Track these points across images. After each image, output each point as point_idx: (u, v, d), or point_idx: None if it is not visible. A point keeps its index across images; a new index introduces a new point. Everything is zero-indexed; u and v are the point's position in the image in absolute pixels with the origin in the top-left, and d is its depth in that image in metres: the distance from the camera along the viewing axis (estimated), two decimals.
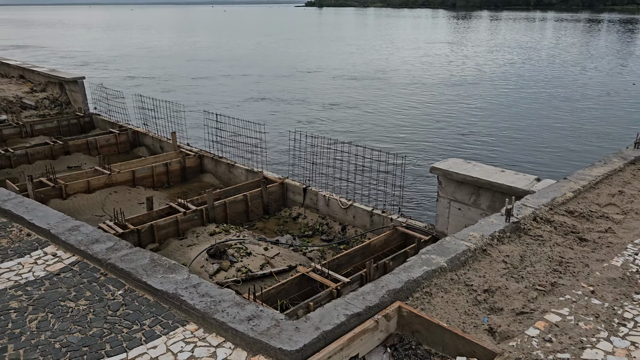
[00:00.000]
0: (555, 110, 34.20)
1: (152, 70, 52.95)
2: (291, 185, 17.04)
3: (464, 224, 13.39)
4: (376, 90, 41.40)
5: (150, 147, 22.20)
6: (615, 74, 48.27)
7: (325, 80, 46.56)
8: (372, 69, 51.49)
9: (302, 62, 57.74)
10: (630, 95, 39.07)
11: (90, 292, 6.35)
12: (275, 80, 46.62)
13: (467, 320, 5.34)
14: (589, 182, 8.14)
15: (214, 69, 53.09)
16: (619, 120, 31.59)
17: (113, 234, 14.14)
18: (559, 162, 24.09)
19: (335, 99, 37.93)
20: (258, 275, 13.28)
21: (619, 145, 25.33)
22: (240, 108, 34.53)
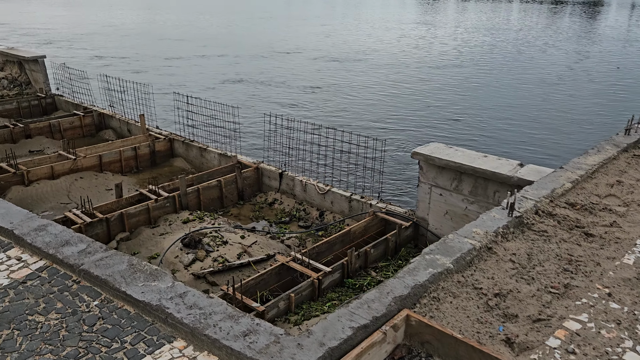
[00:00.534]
0: (537, 94, 33.12)
1: (121, 49, 49.54)
2: (266, 170, 16.36)
3: (445, 210, 13.02)
4: (355, 72, 39.60)
5: (118, 130, 21.06)
6: (596, 57, 46.84)
7: (305, 61, 44.30)
8: (352, 50, 48.70)
9: (280, 42, 54.43)
10: (615, 78, 37.62)
11: (61, 304, 5.52)
12: (253, 62, 44.08)
13: (481, 330, 4.89)
14: (586, 172, 7.78)
15: (187, 49, 49.94)
16: (604, 105, 30.67)
17: (81, 223, 13.27)
18: (542, 146, 23.44)
19: (315, 82, 36.04)
20: (235, 265, 12.64)
21: (604, 130, 24.91)
22: (217, 90, 32.63)
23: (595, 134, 24.42)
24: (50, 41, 54.73)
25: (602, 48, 51.88)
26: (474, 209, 12.41)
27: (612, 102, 31.31)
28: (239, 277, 12.30)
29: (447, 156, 12.51)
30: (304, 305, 11.35)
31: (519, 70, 41.13)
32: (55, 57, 38.97)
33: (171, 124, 19.54)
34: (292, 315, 11.06)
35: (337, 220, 14.69)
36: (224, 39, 56.30)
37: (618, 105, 30.44)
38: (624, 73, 39.42)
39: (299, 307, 11.28)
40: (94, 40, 55.41)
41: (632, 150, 8.98)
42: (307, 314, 10.97)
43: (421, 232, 13.55)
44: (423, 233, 13.51)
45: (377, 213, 13.76)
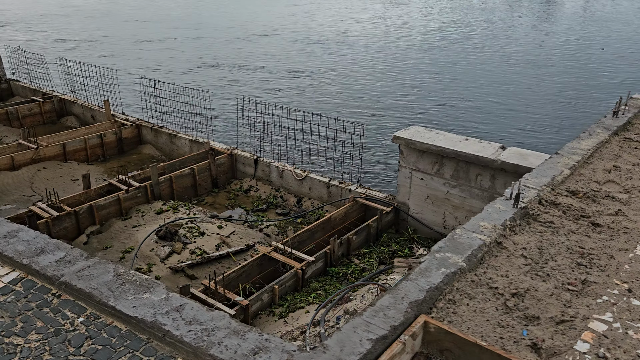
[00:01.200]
0: (518, 76, 32.13)
1: (85, 32, 46.03)
2: (241, 156, 15.71)
3: (426, 194, 12.73)
4: (332, 55, 37.88)
5: (80, 116, 19.91)
6: (580, 38, 45.48)
7: (285, 44, 42.17)
8: (331, 32, 46.79)
9: (256, 23, 51.63)
10: (598, 59, 36.61)
11: (42, 322, 4.78)
12: (230, 45, 41.52)
13: (504, 334, 4.55)
14: (582, 157, 7.53)
15: (157, 31, 46.78)
16: (585, 86, 29.98)
17: (47, 217, 12.42)
18: (522, 128, 22.98)
19: (291, 65, 34.28)
20: (214, 256, 12.07)
21: (585, 111, 24.63)
22: (191, 75, 30.79)
23: (577, 115, 24.16)
24: (5, 23, 51.37)
25: (581, 28, 51.00)
26: (455, 193, 12.16)
27: (593, 83, 30.81)
28: (219, 270, 11.77)
29: (429, 140, 12.17)
30: (288, 297, 10.93)
31: (498, 51, 40.13)
32: (12, 39, 36.53)
33: (138, 110, 18.55)
34: (276, 308, 10.63)
35: (315, 206, 14.25)
36: (196, 20, 53.13)
37: (599, 86, 29.99)
38: (607, 54, 38.90)
39: (282, 299, 10.86)
40: (54, 22, 51.72)
41: (622, 133, 8.80)
42: (292, 306, 10.57)
43: (402, 217, 13.25)
44: (404, 218, 13.22)
45: (357, 199, 13.37)
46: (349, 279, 11.39)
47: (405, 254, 11.99)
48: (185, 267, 11.66)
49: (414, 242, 12.65)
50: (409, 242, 12.66)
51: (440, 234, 12.59)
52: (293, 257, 11.35)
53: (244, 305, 9.98)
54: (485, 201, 11.86)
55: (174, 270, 11.66)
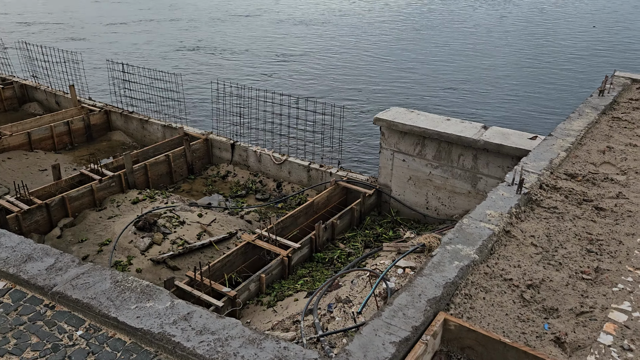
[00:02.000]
0: (498, 54, 31.59)
1: (52, 15, 42.38)
2: (217, 141, 15.21)
3: (408, 176, 12.59)
4: (310, 37, 36.30)
5: (44, 103, 18.91)
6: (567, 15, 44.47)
7: (262, 26, 40.13)
8: (310, 13, 44.48)
9: (235, 3, 48.76)
10: (583, 37, 35.79)
11: (37, 337, 4.34)
12: (210, 27, 39.15)
13: (525, 329, 4.42)
14: (575, 139, 7.44)
15: (130, 13, 43.62)
16: (567, 64, 29.41)
17: (17, 211, 11.76)
18: (503, 107, 22.62)
19: (270, 48, 32.83)
20: (197, 246, 11.67)
21: (568, 89, 24.28)
22: (166, 59, 28.93)
23: (557, 93, 23.92)
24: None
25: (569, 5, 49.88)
26: (437, 174, 12.06)
27: (574, 61, 30.50)
28: (202, 260, 11.41)
29: (410, 121, 11.98)
30: (275, 285, 10.68)
31: (479, 30, 39.26)
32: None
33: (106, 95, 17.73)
34: (263, 297, 10.38)
35: (296, 191, 13.97)
36: (171, 0, 50.30)
37: (580, 64, 29.70)
38: (591, 31, 38.28)
39: (270, 288, 10.60)
40: (17, 2, 48.46)
41: (609, 112, 8.77)
42: (280, 294, 10.32)
43: (384, 199, 13.11)
44: (386, 200, 13.07)
45: (339, 182, 13.14)
46: (336, 264, 11.20)
47: (390, 236, 11.86)
48: (167, 259, 11.26)
49: (397, 224, 12.55)
50: (392, 225, 12.54)
51: (423, 215, 12.51)
52: (278, 244, 11.07)
53: (231, 296, 9.70)
54: (468, 182, 11.81)
55: (156, 262, 11.24)
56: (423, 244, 8.75)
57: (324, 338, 7.55)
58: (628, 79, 10.85)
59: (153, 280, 10.83)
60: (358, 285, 9.29)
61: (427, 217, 12.39)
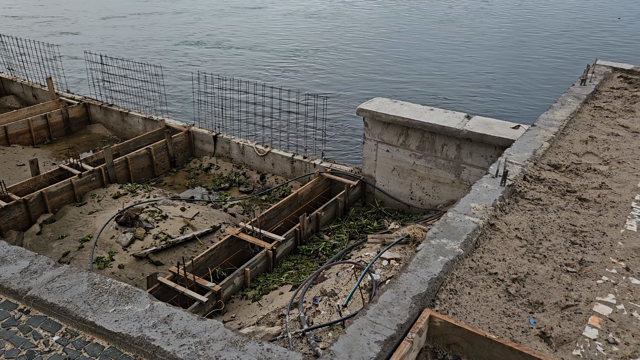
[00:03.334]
0: (482, 44, 31.13)
1: (44, 7, 39.80)
2: (199, 134, 14.99)
3: (392, 166, 12.53)
4: (290, 29, 35.53)
5: (21, 96, 18.47)
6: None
7: (242, 16, 38.58)
8: (292, 3, 44.91)
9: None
10: (566, 26, 35.06)
11: (11, 344, 4.16)
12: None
13: (511, 324, 4.38)
14: (558, 129, 7.41)
15: (130, 4, 41.07)
16: (548, 52, 29.02)
17: None
18: (485, 96, 22.45)
19: (251, 39, 31.96)
20: (180, 241, 11.51)
21: (549, 78, 24.08)
22: (156, 53, 27.44)
23: (540, 83, 23.88)
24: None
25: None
26: (421, 164, 12.02)
27: (557, 50, 30.30)
28: (186, 254, 11.27)
29: (394, 111, 11.90)
30: (260, 279, 10.59)
31: (461, 20, 38.67)
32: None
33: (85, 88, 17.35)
34: (248, 290, 10.28)
35: (280, 183, 13.84)
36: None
37: (562, 52, 29.53)
38: (576, 21, 37.77)
39: (254, 281, 10.50)
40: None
41: (591, 101, 8.76)
42: (265, 288, 10.24)
43: (368, 190, 13.04)
44: (370, 191, 13.01)
45: (323, 173, 13.04)
46: (320, 256, 11.13)
47: (375, 227, 11.81)
48: (149, 254, 11.09)
49: (381, 214, 12.50)
50: (377, 215, 12.50)
51: (407, 205, 12.48)
52: (262, 238, 10.97)
53: (215, 291, 9.60)
54: (452, 171, 11.79)
55: (138, 257, 11.07)
56: (408, 235, 8.70)
57: (310, 332, 7.49)
58: (609, 67, 10.87)
59: (136, 276, 10.68)
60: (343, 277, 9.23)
61: (412, 207, 12.36)
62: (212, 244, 11.44)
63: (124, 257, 11.04)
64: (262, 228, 11.17)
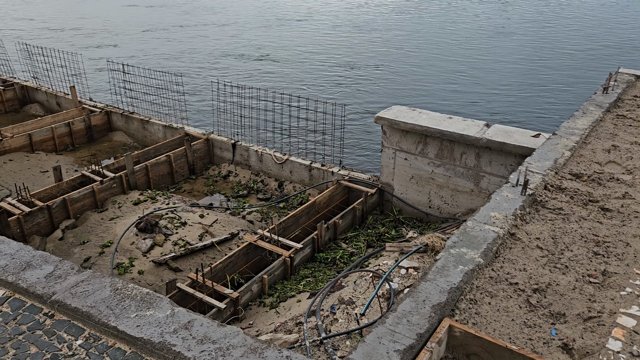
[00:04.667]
0: (499, 51, 30.67)
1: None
2: (218, 141, 15.12)
3: (410, 174, 12.49)
4: (307, 36, 35.30)
5: (45, 104, 18.83)
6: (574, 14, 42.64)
7: (259, 25, 38.18)
8: (309, 10, 43.29)
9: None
10: (584, 35, 34.43)
11: (36, 347, 4.23)
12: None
13: (532, 335, 4.33)
14: (580, 137, 7.33)
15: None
16: (567, 61, 28.47)
17: (19, 214, 11.69)
18: (507, 105, 22.13)
19: (269, 47, 31.70)
20: (198, 247, 11.58)
21: (570, 87, 23.78)
22: (170, 61, 27.51)
23: (561, 91, 23.47)
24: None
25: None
26: (440, 172, 11.95)
27: (578, 58, 29.70)
28: (204, 261, 11.33)
29: (412, 119, 11.87)
30: (278, 286, 10.60)
31: (481, 27, 38.02)
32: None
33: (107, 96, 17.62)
34: (266, 298, 10.29)
35: (298, 190, 13.87)
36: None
37: (583, 60, 28.98)
38: (594, 29, 36.98)
39: (272, 288, 10.51)
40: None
41: (614, 110, 8.66)
42: (282, 295, 10.24)
43: (386, 198, 13.00)
44: (388, 199, 12.97)
45: (341, 181, 13.04)
46: (338, 264, 11.11)
47: (392, 236, 11.77)
48: (168, 260, 11.17)
49: (399, 223, 12.45)
50: (395, 224, 12.45)
51: (425, 214, 12.41)
52: (280, 245, 10.98)
53: (233, 298, 9.63)
54: (471, 180, 11.71)
55: (157, 263, 11.16)
56: (426, 244, 8.65)
57: (327, 340, 7.46)
58: (632, 75, 10.72)
59: (155, 282, 10.76)
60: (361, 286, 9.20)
61: (430, 216, 12.29)
62: (230, 250, 11.48)
63: (144, 263, 11.14)
64: (280, 235, 11.18)
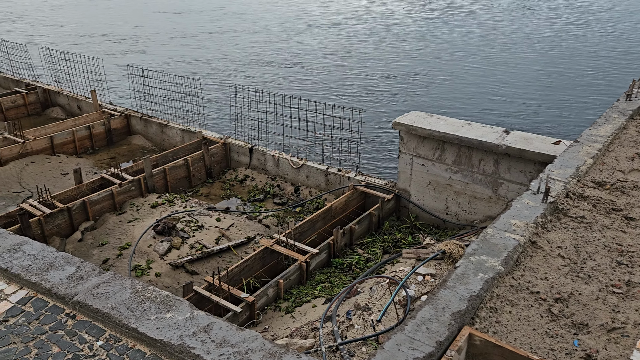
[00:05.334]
0: (518, 58, 30.28)
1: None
2: (235, 145, 15.20)
3: (427, 181, 12.43)
4: (325, 41, 35.08)
5: (66, 107, 19.11)
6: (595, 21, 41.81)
7: (277, 29, 38.08)
8: (326, 16, 42.96)
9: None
10: (603, 44, 33.52)
11: (58, 347, 4.28)
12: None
13: (554, 345, 4.28)
14: (602, 145, 7.25)
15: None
16: (587, 68, 27.96)
17: (40, 215, 11.85)
18: (526, 111, 21.81)
19: (287, 52, 31.57)
20: (215, 251, 11.64)
21: (590, 94, 23.55)
22: (187, 65, 27.57)
23: (582, 98, 23.21)
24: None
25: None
26: (457, 179, 11.88)
27: (600, 64, 29.25)
28: (220, 264, 11.38)
29: (430, 125, 11.81)
30: (293, 291, 10.59)
31: (500, 31, 37.57)
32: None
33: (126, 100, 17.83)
34: (281, 302, 10.29)
35: (314, 195, 13.88)
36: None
37: (606, 67, 28.52)
38: (616, 37, 36.30)
39: (288, 293, 10.51)
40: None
41: (637, 117, 8.54)
42: (298, 300, 10.23)
43: (403, 204, 12.95)
44: (405, 205, 12.92)
45: (357, 186, 13.02)
46: (354, 270, 11.07)
47: (409, 242, 11.71)
48: (185, 263, 11.24)
49: (416, 229, 12.39)
50: (411, 230, 12.39)
51: (442, 220, 12.34)
52: (296, 250, 10.99)
53: (249, 302, 9.64)
54: (489, 187, 11.62)
55: (174, 266, 11.23)
56: (443, 251, 8.59)
57: (343, 346, 7.44)
58: None
59: (172, 285, 10.83)
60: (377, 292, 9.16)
61: (447, 223, 12.21)
62: (246, 254, 11.51)
63: (161, 266, 11.21)
64: (296, 240, 11.19)
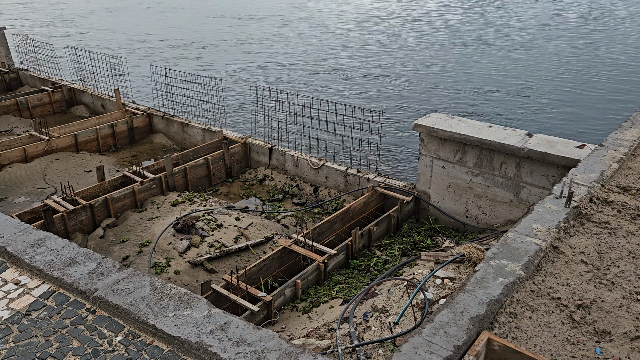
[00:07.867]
0: (541, 60, 29.88)
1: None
2: (255, 145, 15.26)
3: (448, 183, 12.32)
4: (346, 41, 35.07)
5: (90, 105, 19.41)
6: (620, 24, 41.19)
7: (299, 29, 38.20)
8: (347, 16, 43.38)
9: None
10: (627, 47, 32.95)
11: (78, 342, 4.34)
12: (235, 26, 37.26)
13: (575, 353, 4.20)
14: (629, 149, 7.11)
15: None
16: (612, 72, 27.38)
17: (63, 211, 12.05)
18: (550, 114, 21.46)
19: (308, 52, 31.56)
20: (233, 250, 11.70)
21: (619, 96, 23.04)
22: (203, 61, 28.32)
23: (607, 101, 22.77)
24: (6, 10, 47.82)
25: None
26: (478, 182, 11.75)
27: (626, 66, 28.67)
28: (239, 263, 11.44)
29: (451, 127, 11.71)
30: (311, 291, 10.59)
31: (523, 33, 37.02)
32: (13, 27, 34.34)
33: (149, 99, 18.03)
34: (299, 302, 10.29)
35: (333, 196, 13.86)
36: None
37: (632, 69, 27.94)
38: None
39: (305, 293, 10.51)
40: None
41: None
42: (315, 300, 10.22)
43: (422, 207, 12.85)
44: (424, 207, 12.82)
45: (376, 188, 12.96)
46: (372, 272, 11.02)
47: (428, 245, 11.62)
48: (204, 261, 11.31)
49: (435, 232, 12.29)
50: (430, 232, 12.29)
51: (462, 224, 12.22)
52: (314, 250, 10.98)
53: (267, 301, 9.67)
54: (510, 190, 11.47)
55: (193, 264, 11.32)
56: (463, 254, 8.50)
57: (360, 348, 7.41)
58: None
59: (190, 282, 10.91)
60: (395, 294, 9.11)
61: (467, 226, 12.08)
62: (264, 254, 11.55)
63: (180, 263, 11.30)
64: (314, 241, 11.18)
